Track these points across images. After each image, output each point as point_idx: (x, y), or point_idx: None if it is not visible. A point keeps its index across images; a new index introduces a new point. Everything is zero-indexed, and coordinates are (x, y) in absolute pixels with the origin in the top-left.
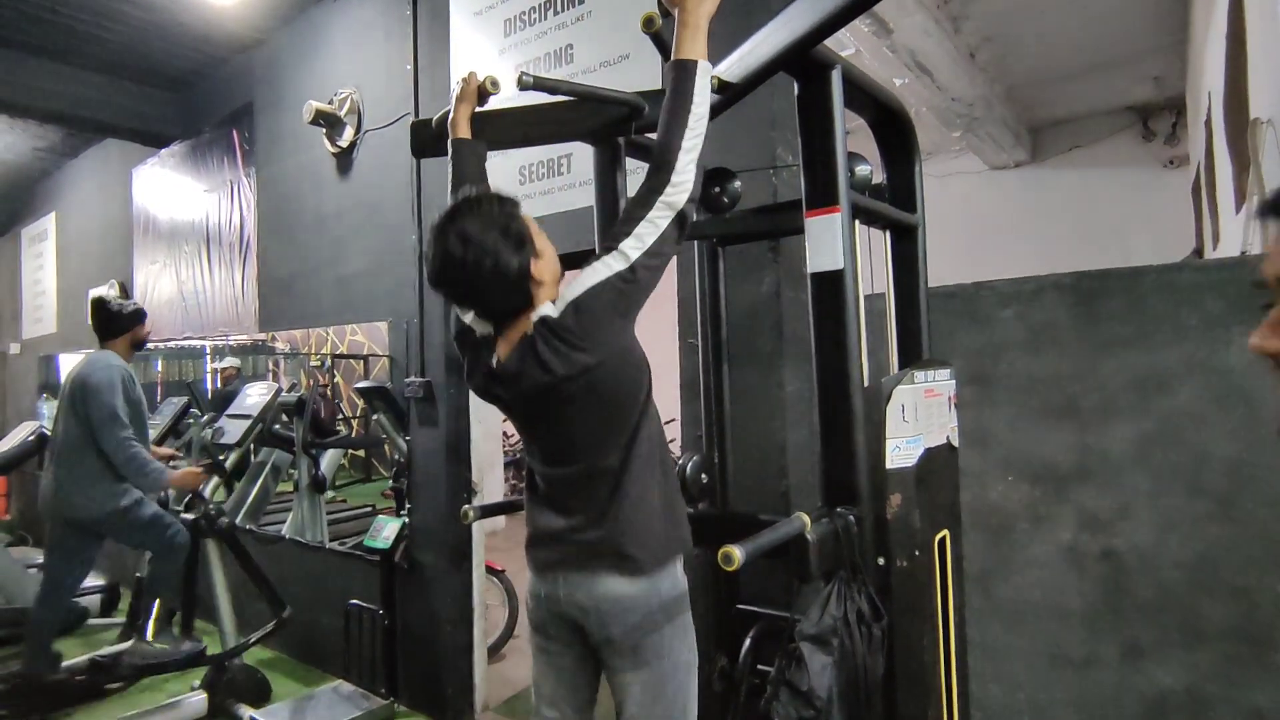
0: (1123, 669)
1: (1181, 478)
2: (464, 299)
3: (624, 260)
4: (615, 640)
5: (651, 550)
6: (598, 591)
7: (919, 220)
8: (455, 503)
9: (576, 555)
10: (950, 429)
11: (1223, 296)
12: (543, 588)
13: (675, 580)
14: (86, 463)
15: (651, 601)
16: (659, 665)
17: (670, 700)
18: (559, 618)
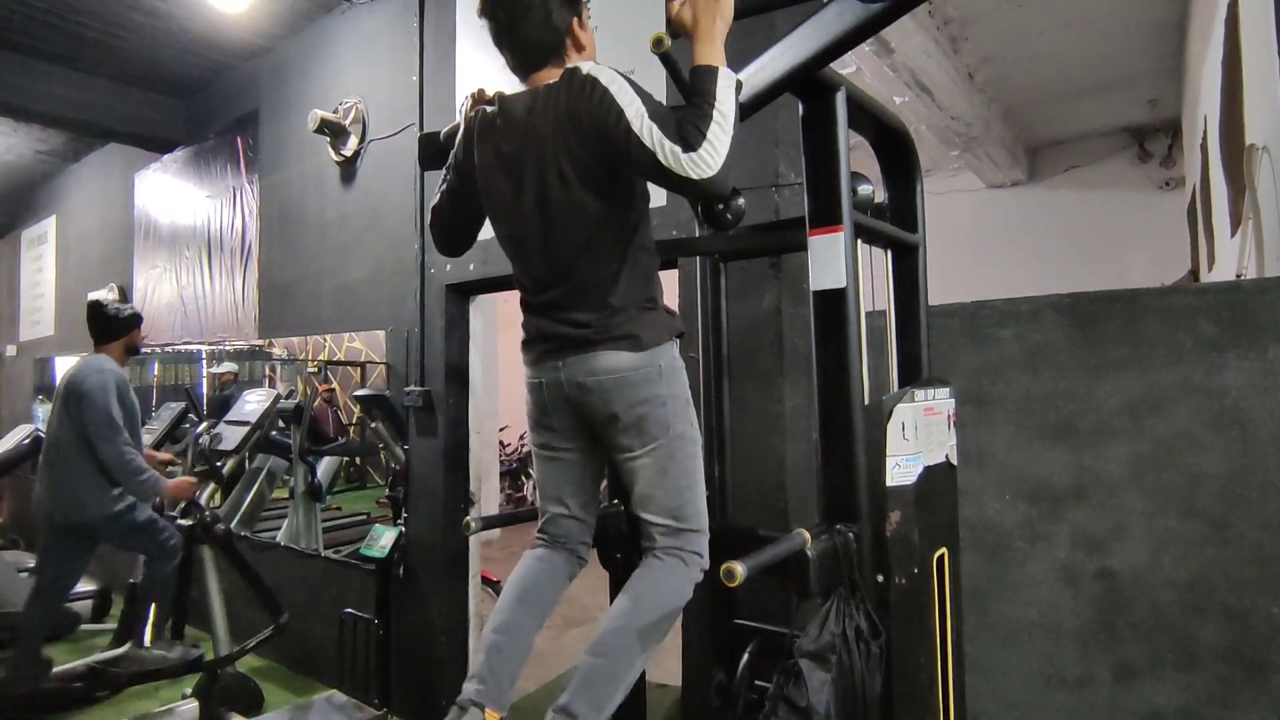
0: (1116, 689)
1: (1175, 499)
2: (503, 31)
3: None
4: (619, 416)
5: (650, 329)
6: (599, 365)
7: (920, 239)
8: (453, 512)
9: (576, 335)
10: (949, 447)
11: (1217, 320)
12: (542, 375)
13: (673, 356)
14: (80, 467)
15: (651, 373)
16: (665, 439)
17: (678, 473)
18: (560, 404)
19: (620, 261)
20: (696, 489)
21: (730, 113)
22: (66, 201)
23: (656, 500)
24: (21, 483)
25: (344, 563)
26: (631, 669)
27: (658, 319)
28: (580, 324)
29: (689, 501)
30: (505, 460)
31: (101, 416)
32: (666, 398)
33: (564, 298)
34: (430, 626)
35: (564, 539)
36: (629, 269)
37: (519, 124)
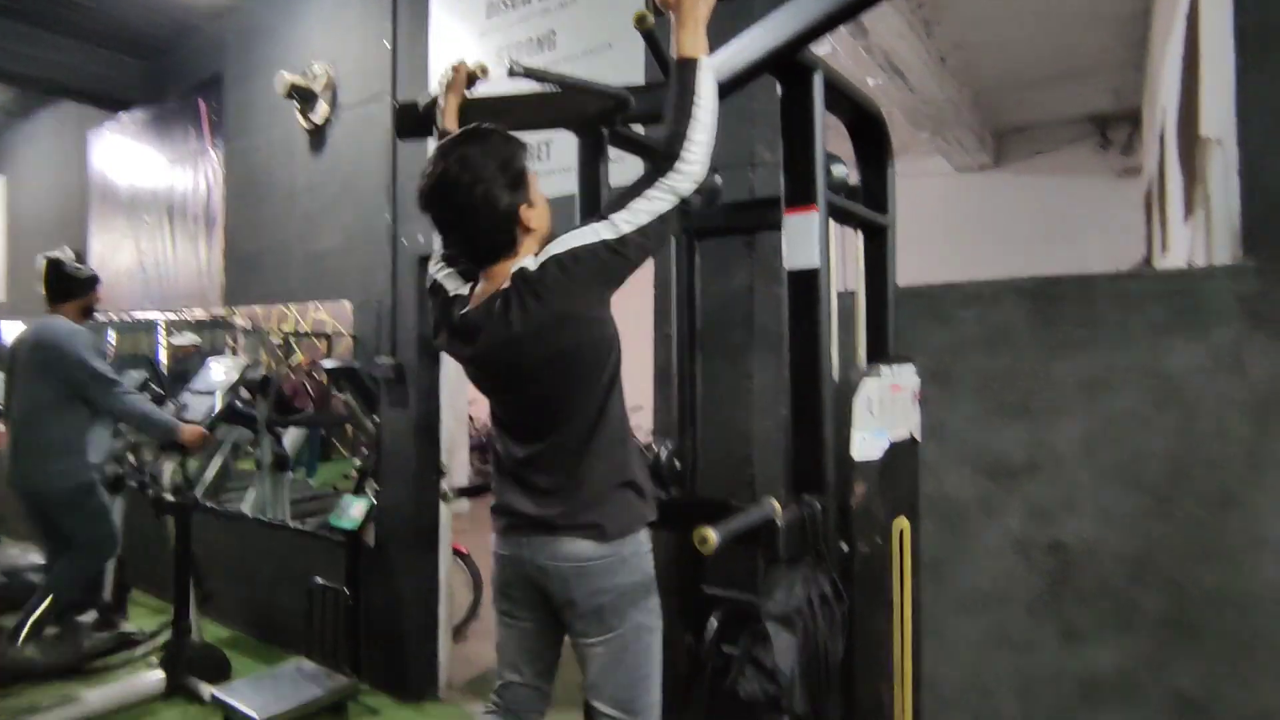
0: (1061, 653)
1: (1122, 474)
2: (448, 227)
3: (614, 231)
4: (577, 603)
5: (616, 519)
6: (560, 553)
7: (890, 221)
8: (424, 483)
9: (543, 519)
10: (913, 423)
11: (1167, 306)
12: (506, 549)
13: (638, 546)
14: (48, 434)
15: (614, 564)
16: (621, 630)
17: (632, 665)
18: (522, 580)
19: (586, 444)
20: (650, 680)
21: (711, 108)
22: (16, 161)
23: (607, 691)
24: None
25: (312, 534)
26: None
27: (627, 505)
28: (546, 503)
29: (641, 695)
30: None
31: (89, 370)
32: (627, 587)
33: (535, 464)
34: (400, 597)
35: (516, 707)
36: (598, 450)
37: (479, 327)
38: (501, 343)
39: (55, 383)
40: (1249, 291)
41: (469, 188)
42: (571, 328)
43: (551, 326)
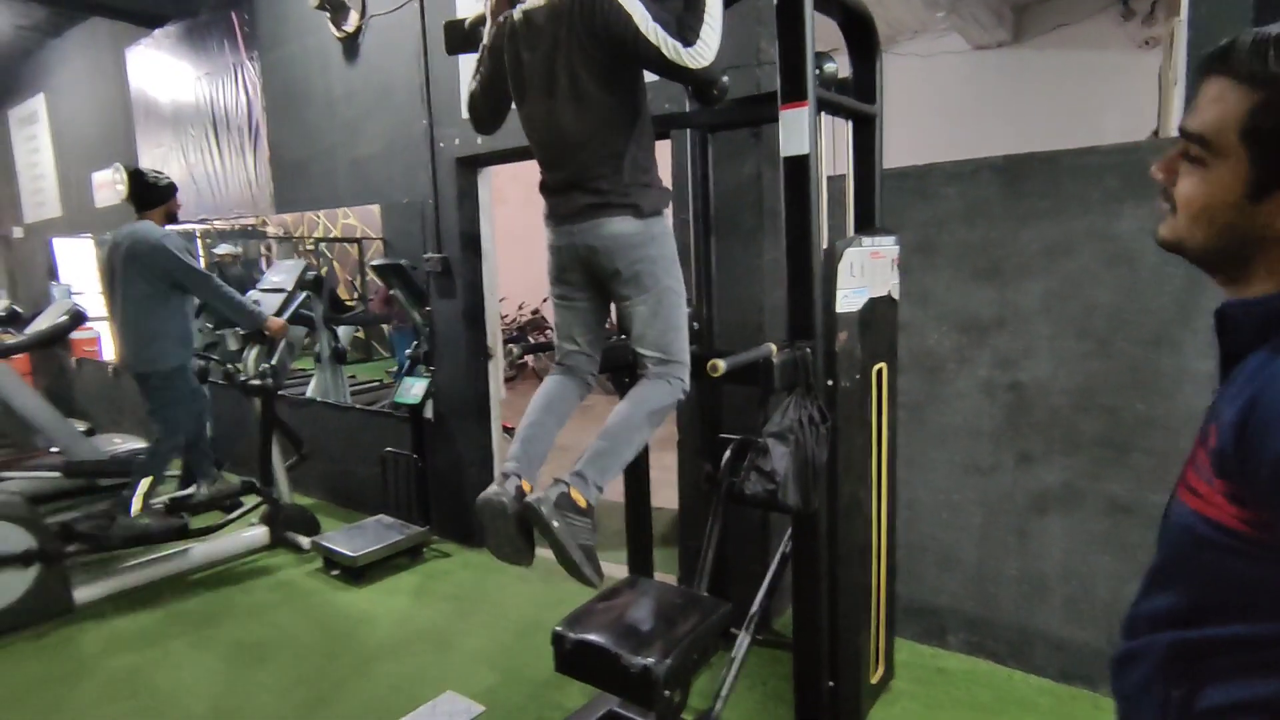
0: (1017, 473)
1: (1074, 324)
2: None
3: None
4: (621, 271)
5: (647, 201)
6: (605, 231)
7: (877, 111)
8: (474, 364)
9: (589, 206)
10: (892, 285)
11: (1120, 176)
12: (560, 238)
13: (664, 225)
14: (154, 321)
15: (646, 238)
16: (655, 289)
17: (665, 316)
18: (574, 260)
19: (625, 144)
20: (680, 330)
21: (719, 15)
22: (54, 79)
23: (649, 338)
24: (51, 358)
25: (378, 412)
26: (629, 449)
27: (653, 193)
28: (592, 195)
29: (673, 340)
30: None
31: (188, 265)
32: (657, 257)
33: (577, 175)
34: (460, 460)
35: (576, 368)
36: (632, 150)
37: (539, 31)
38: (564, 28)
39: (154, 279)
40: None
41: None
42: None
43: (596, 25)
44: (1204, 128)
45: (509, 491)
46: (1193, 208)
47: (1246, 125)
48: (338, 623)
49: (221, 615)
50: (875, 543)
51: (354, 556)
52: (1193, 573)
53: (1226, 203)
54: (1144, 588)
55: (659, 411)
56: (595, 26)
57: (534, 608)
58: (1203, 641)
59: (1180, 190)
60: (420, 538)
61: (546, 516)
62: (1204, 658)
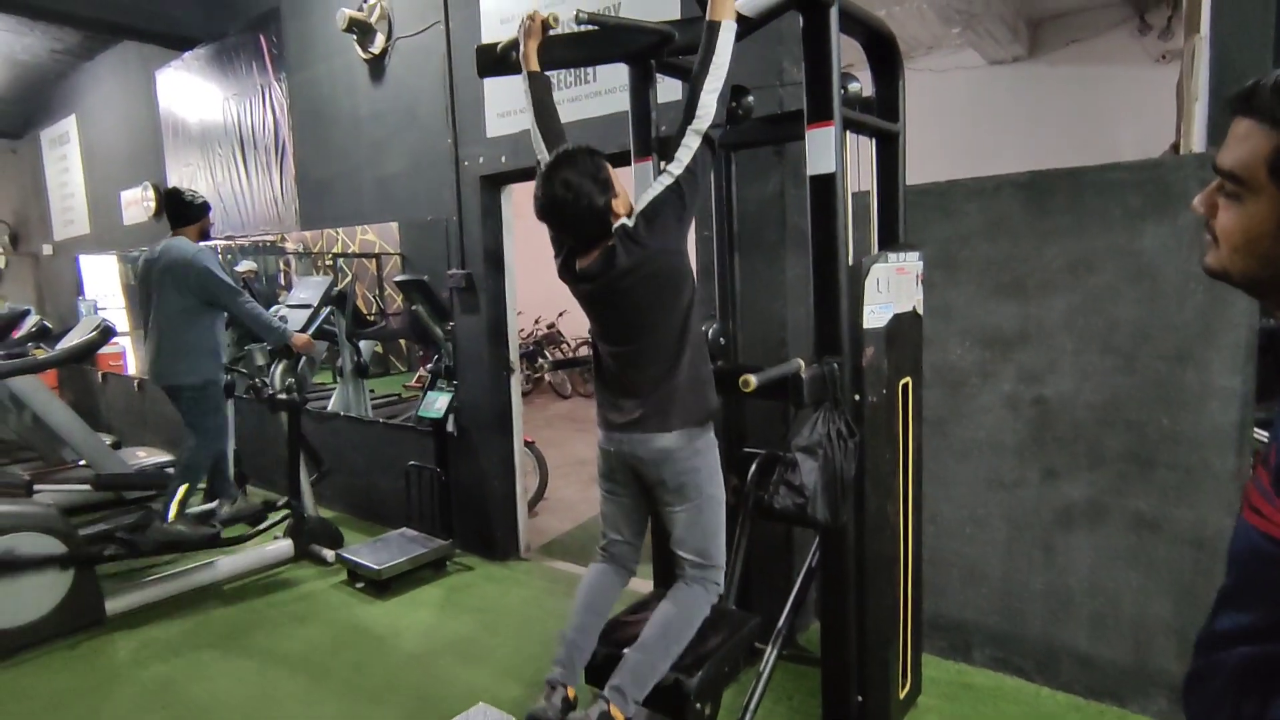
0: (1041, 487)
1: (1098, 339)
2: (563, 229)
3: (670, 177)
4: (666, 482)
5: (693, 414)
6: (653, 446)
7: (900, 128)
8: (497, 379)
9: (638, 421)
10: (916, 300)
11: (1142, 192)
12: (610, 445)
13: (708, 437)
14: (187, 335)
15: (690, 452)
16: (697, 499)
17: (706, 525)
18: (623, 467)
19: (676, 359)
20: (719, 537)
21: (725, 65)
22: (85, 100)
23: (688, 543)
24: (77, 373)
25: (401, 426)
26: (665, 661)
27: (700, 402)
28: (640, 406)
29: (711, 546)
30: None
31: (221, 284)
32: (700, 468)
33: (634, 381)
34: (483, 474)
35: (619, 557)
36: (683, 363)
37: (598, 276)
38: (615, 276)
39: (187, 294)
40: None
41: (574, 203)
42: (661, 258)
43: (648, 260)
44: (1235, 165)
45: (555, 705)
46: (1233, 240)
47: (1273, 163)
48: (364, 635)
49: (250, 627)
50: (902, 557)
51: (378, 570)
52: (1262, 591)
53: (1264, 234)
54: (1215, 608)
55: (694, 621)
56: (650, 246)
57: (561, 620)
58: (1275, 656)
59: (1220, 223)
60: (444, 551)
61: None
62: (1277, 673)
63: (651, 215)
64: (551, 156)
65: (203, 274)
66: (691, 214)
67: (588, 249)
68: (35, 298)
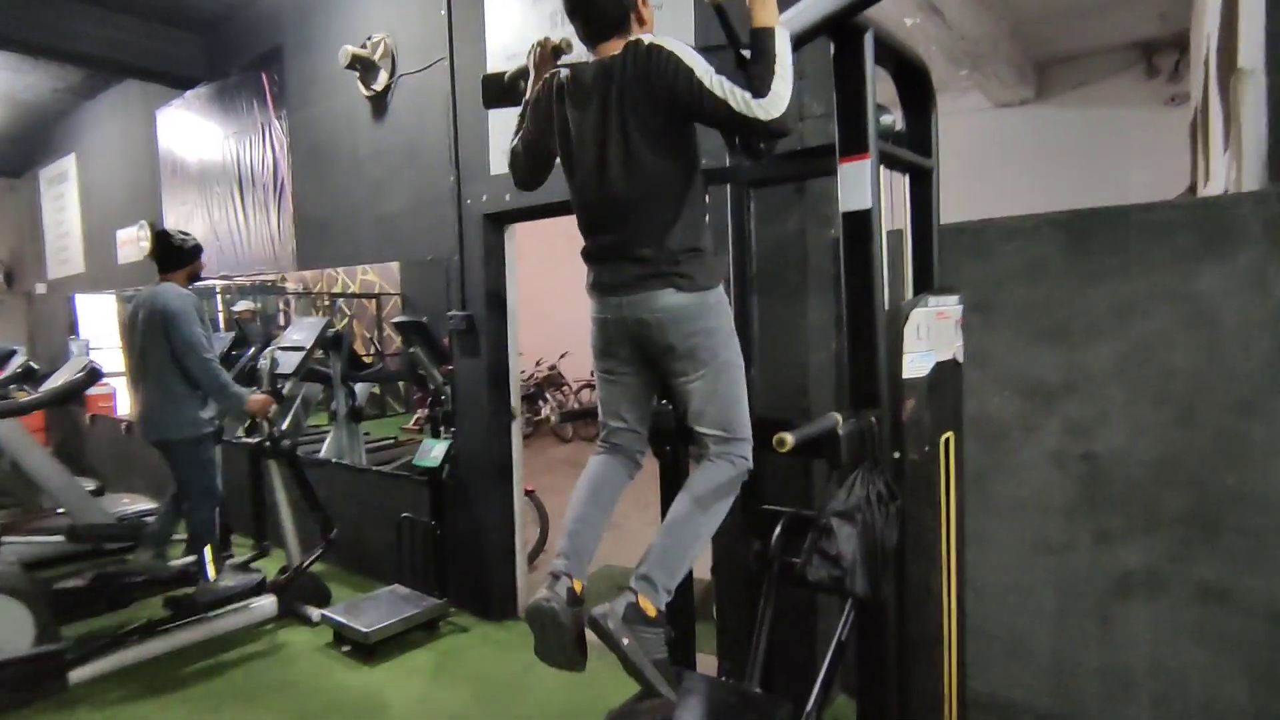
0: (1094, 552)
1: (1151, 390)
2: (577, 6)
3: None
4: (675, 346)
5: (701, 272)
6: (658, 304)
7: (934, 164)
8: (497, 425)
9: (638, 277)
10: (957, 347)
11: (1194, 232)
12: (606, 311)
13: (719, 295)
14: (175, 386)
15: (702, 309)
16: (714, 364)
17: (725, 393)
18: (623, 337)
19: (676, 211)
20: (741, 405)
21: (790, 66)
22: (85, 139)
23: (708, 415)
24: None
25: (394, 475)
26: (697, 543)
27: (706, 264)
28: (641, 264)
29: (735, 416)
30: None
31: (189, 336)
32: (715, 329)
33: (625, 242)
34: (480, 527)
35: (623, 447)
36: (684, 219)
37: (587, 90)
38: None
39: (168, 344)
40: (1273, 215)
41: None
42: (670, 84)
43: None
44: None
45: (560, 595)
46: None
47: None
48: (348, 708)
49: (225, 698)
50: (946, 633)
51: (365, 633)
52: None
53: None
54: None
55: (725, 498)
56: (653, 85)
57: (564, 691)
58: None
59: None
60: (437, 611)
61: (616, 634)
62: None
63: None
64: None
65: (177, 325)
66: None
67: (597, 45)
68: (27, 336)
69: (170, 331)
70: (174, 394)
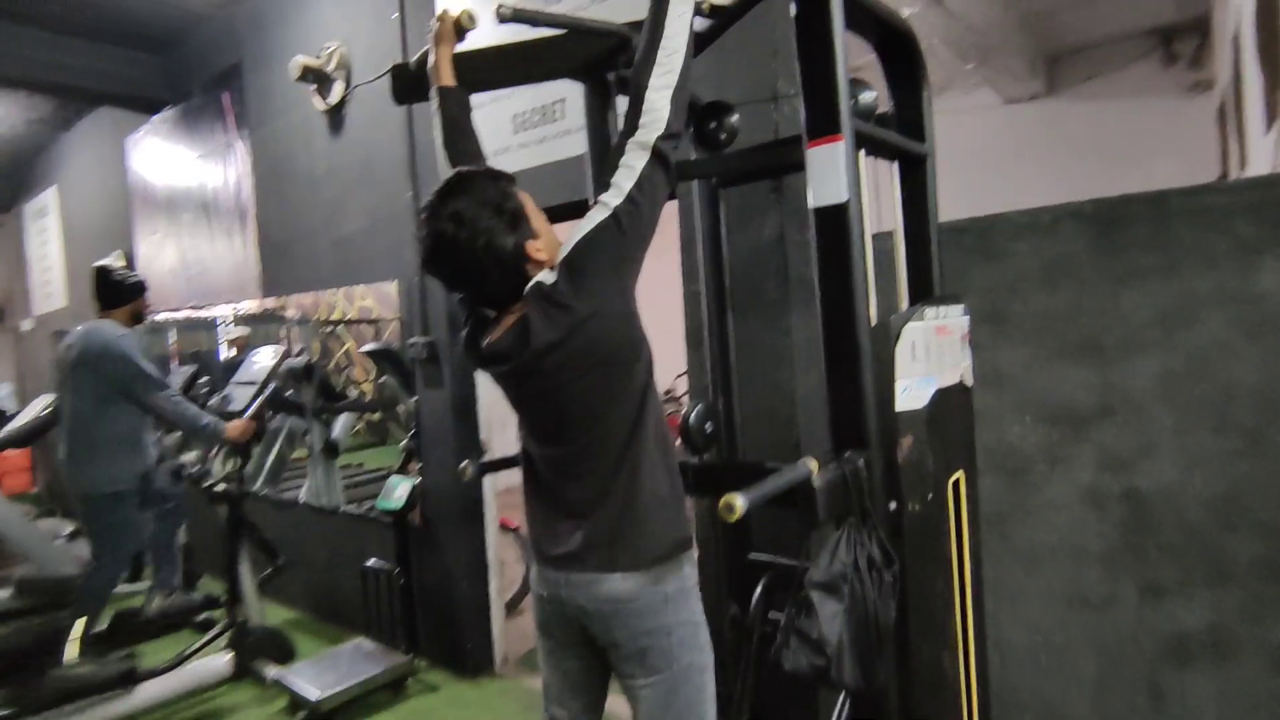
0: (1143, 609)
1: (1208, 413)
2: (457, 283)
3: (605, 210)
4: (621, 645)
5: (658, 542)
6: (600, 592)
7: (928, 150)
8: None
9: (579, 550)
10: (964, 367)
11: (1256, 219)
12: (545, 588)
13: (681, 576)
14: (98, 434)
15: (656, 601)
16: (668, 671)
17: (683, 708)
18: (563, 620)
19: (629, 457)
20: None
21: (679, 47)
22: (64, 171)
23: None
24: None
25: (363, 517)
26: None
27: (666, 525)
28: (581, 531)
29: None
30: None
31: (137, 373)
32: (673, 626)
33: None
34: (450, 573)
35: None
36: (640, 465)
37: (511, 356)
38: (532, 359)
39: (103, 385)
40: None
41: (469, 244)
42: (597, 329)
43: (578, 328)
44: None
45: None
46: None
47: None
48: None
49: None
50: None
51: (317, 701)
52: None
53: None
54: None
55: None
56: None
57: None
58: None
59: None
60: (402, 669)
61: None
62: None
63: (579, 264)
64: (440, 184)
65: (121, 362)
66: (638, 257)
67: (499, 315)
68: (16, 374)
69: (111, 372)
70: (93, 443)
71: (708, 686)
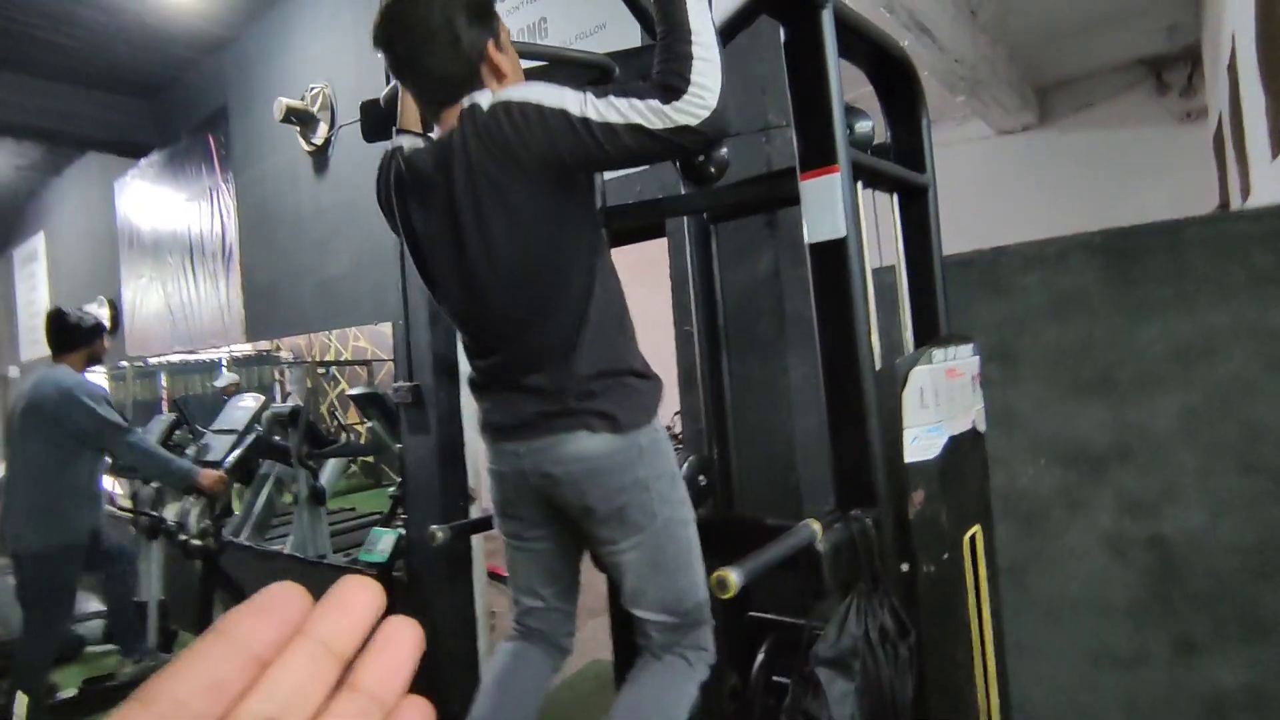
0: (1175, 666)
1: (1232, 453)
2: (404, 64)
3: (580, 107)
4: (595, 509)
5: (625, 407)
6: (566, 453)
7: (929, 180)
8: (452, 511)
9: (538, 415)
10: (976, 411)
11: (1273, 249)
12: (503, 463)
13: (655, 434)
14: (48, 490)
15: (630, 456)
16: (651, 528)
17: (672, 565)
18: (527, 495)
19: (579, 319)
20: (694, 574)
21: (711, 39)
22: (52, 217)
23: (650, 595)
24: None
25: (347, 569)
26: None
27: (633, 392)
28: (538, 397)
29: (686, 591)
30: None
31: (99, 418)
32: (650, 480)
33: (515, 367)
34: (437, 628)
35: (540, 632)
36: (592, 326)
37: (428, 183)
38: (463, 173)
39: (56, 435)
40: None
41: (425, 15)
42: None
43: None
44: None
45: None
46: None
47: None
48: None
49: None
50: None
51: None
52: None
53: None
54: None
55: (678, 710)
56: (519, 156)
57: None
58: None
59: None
60: None
61: None
62: None
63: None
64: None
65: (78, 408)
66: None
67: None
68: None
69: (68, 419)
70: (48, 495)
71: (693, 540)
